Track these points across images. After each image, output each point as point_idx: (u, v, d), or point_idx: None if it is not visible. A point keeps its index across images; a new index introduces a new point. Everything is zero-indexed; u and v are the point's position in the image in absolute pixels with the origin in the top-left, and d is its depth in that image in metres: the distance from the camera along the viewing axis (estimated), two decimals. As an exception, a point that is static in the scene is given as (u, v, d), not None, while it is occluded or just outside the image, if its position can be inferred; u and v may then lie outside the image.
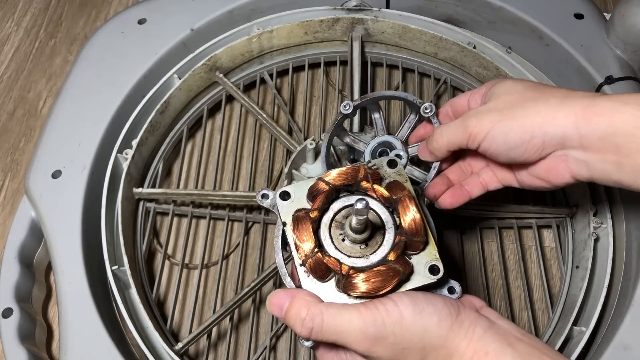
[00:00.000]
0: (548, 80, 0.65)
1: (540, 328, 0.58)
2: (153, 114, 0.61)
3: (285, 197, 0.39)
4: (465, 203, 0.48)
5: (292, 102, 0.74)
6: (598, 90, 0.61)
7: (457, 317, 0.35)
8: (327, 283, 0.37)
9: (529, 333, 0.36)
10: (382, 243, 0.38)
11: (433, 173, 0.50)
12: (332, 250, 0.37)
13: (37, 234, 0.57)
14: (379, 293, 0.35)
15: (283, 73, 0.74)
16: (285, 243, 0.39)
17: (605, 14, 0.67)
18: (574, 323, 0.52)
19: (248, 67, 0.70)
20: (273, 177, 0.67)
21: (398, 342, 0.34)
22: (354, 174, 0.39)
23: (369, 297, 0.35)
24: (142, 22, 0.67)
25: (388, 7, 0.71)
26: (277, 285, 0.59)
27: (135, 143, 0.59)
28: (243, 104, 0.67)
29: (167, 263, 0.63)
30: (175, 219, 0.65)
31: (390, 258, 0.36)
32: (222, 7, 0.68)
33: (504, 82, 0.44)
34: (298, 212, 0.38)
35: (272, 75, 0.71)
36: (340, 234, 0.38)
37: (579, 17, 0.66)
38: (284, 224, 0.38)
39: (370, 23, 0.68)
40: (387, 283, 0.35)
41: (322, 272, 0.36)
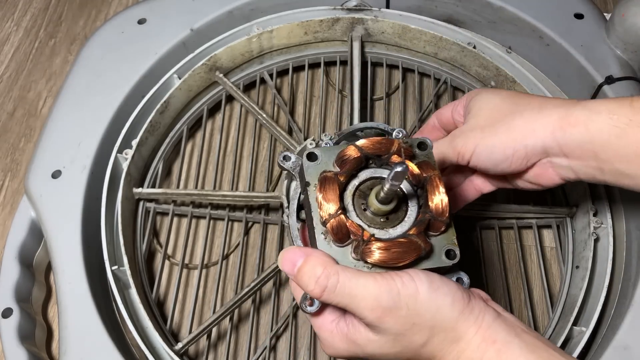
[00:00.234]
0: (548, 80, 0.65)
1: (541, 328, 0.58)
2: (153, 114, 0.61)
3: (312, 158, 0.39)
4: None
5: (292, 102, 0.74)
6: (598, 90, 0.61)
7: (468, 302, 0.35)
8: (342, 248, 0.36)
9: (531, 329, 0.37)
10: (403, 219, 0.37)
11: None
12: (354, 217, 0.37)
13: (37, 234, 0.57)
14: (397, 264, 0.35)
15: (283, 73, 0.74)
16: (300, 208, 0.38)
17: (605, 14, 0.67)
18: (574, 323, 0.52)
19: (248, 67, 0.70)
20: (273, 177, 0.67)
21: (410, 315, 0.34)
22: (388, 146, 0.38)
23: (386, 267, 0.35)
24: (142, 22, 0.67)
25: (388, 7, 0.71)
26: (277, 285, 0.59)
27: (135, 143, 0.59)
28: (243, 104, 0.67)
29: (167, 263, 0.63)
30: (175, 219, 0.65)
31: (412, 233, 0.36)
32: (222, 7, 0.68)
33: (482, 94, 0.45)
34: (325, 172, 0.38)
35: (272, 75, 0.71)
36: (362, 204, 0.38)
37: (579, 17, 0.66)
38: (308, 184, 0.38)
39: (370, 23, 0.68)
40: (407, 255, 0.35)
41: (342, 234, 0.36)
